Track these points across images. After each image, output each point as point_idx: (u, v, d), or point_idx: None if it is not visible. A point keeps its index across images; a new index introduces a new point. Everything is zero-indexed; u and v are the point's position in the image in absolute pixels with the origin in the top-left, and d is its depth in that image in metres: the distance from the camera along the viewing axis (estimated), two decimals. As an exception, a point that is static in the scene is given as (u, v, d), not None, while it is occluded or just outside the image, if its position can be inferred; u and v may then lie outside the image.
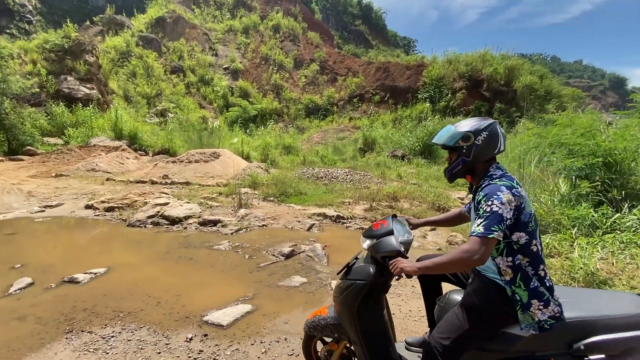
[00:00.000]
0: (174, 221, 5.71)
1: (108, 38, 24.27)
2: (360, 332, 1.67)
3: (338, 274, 1.84)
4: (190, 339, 2.51)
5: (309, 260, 4.24)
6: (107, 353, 2.32)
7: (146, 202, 6.49)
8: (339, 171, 10.09)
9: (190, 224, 5.69)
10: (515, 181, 1.43)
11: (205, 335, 2.58)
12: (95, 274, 3.58)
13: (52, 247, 4.66)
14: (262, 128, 20.15)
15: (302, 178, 9.17)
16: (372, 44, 42.85)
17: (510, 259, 1.39)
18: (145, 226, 5.52)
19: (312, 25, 32.19)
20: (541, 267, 1.40)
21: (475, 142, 1.49)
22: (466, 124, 1.54)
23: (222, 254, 4.41)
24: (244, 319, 2.85)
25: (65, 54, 16.79)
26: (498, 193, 1.34)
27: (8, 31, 24.26)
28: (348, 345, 1.89)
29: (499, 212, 1.30)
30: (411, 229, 1.89)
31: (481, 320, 1.42)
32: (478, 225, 1.32)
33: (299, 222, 5.94)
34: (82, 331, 2.59)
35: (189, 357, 2.31)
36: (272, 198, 7.38)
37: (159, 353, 2.34)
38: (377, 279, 1.64)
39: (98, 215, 6.00)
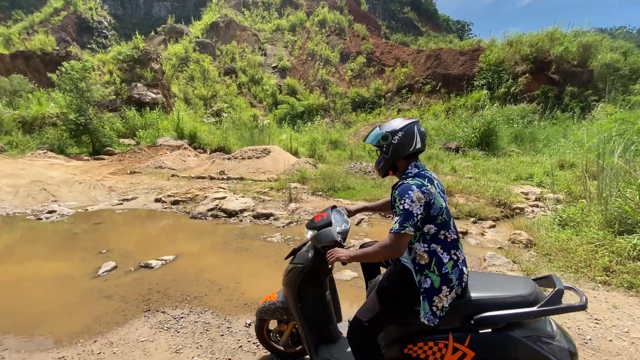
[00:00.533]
0: (230, 214, 6.09)
1: (170, 46, 26.43)
2: (300, 311, 1.86)
3: (286, 258, 2.00)
4: (249, 325, 2.67)
5: (360, 255, 4.23)
6: (179, 332, 2.57)
7: (206, 197, 7.00)
8: (387, 165, 9.86)
9: (245, 216, 6.01)
10: (427, 179, 1.57)
11: (263, 322, 2.72)
12: (165, 260, 3.98)
13: (129, 235, 5.26)
14: (309, 124, 20.42)
15: (349, 173, 9.14)
16: (422, 31, 40.79)
17: (426, 245, 1.55)
18: (205, 218, 5.97)
19: (358, 17, 31.62)
20: (453, 252, 1.55)
21: (392, 141, 1.64)
22: (387, 125, 1.69)
23: (275, 246, 4.59)
24: (297, 309, 2.95)
25: (135, 63, 18.69)
26: (409, 192, 1.49)
27: (89, 46, 27.66)
28: (296, 325, 1.99)
29: (410, 209, 1.47)
30: (350, 217, 2.07)
31: (391, 301, 1.58)
32: (395, 223, 1.49)
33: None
34: (157, 311, 2.90)
35: (249, 341, 2.46)
36: (320, 192, 7.48)
37: (222, 335, 2.53)
38: (315, 263, 1.82)
39: (166, 208, 6.62)
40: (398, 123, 1.66)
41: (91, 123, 13.01)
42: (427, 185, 1.53)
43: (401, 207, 1.48)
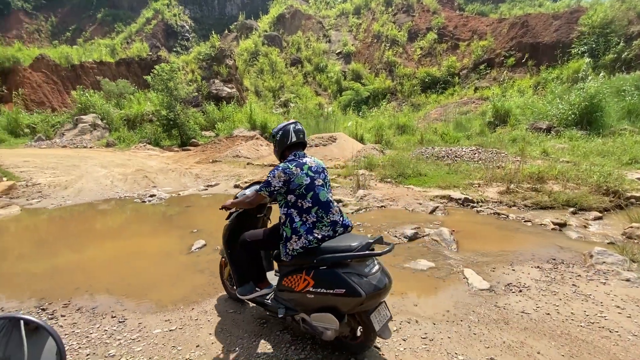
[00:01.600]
0: (301, 200, 6.30)
1: (241, 42, 28.06)
2: (229, 258, 2.55)
3: (226, 219, 2.64)
4: (325, 307, 2.73)
5: (435, 245, 3.99)
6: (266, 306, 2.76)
7: (278, 183, 7.36)
8: (463, 149, 9.11)
9: (315, 202, 6.15)
10: (295, 163, 2.18)
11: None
12: (245, 241, 4.29)
13: (215, 217, 5.79)
14: (375, 109, 19.89)
15: (420, 158, 8.67)
16: (504, -3, 35.94)
17: (285, 210, 2.18)
18: (278, 204, 6.28)
19: (428, -10, 29.21)
20: (305, 216, 2.13)
21: (276, 138, 2.32)
22: (276, 127, 2.37)
23: (346, 232, 4.61)
24: (372, 295, 2.92)
25: (212, 61, 20.34)
26: (275, 171, 2.15)
27: (174, 49, 30.92)
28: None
29: (270, 181, 2.15)
30: None
31: (270, 239, 2.30)
32: (259, 185, 2.27)
33: (420, 204, 5.65)
34: (241, 287, 3.15)
35: (326, 322, 2.52)
36: (389, 179, 7.26)
37: (301, 314, 2.64)
38: (241, 220, 2.59)
39: (243, 193, 7.15)
40: (280, 124, 2.36)
41: (179, 118, 14.65)
42: (291, 168, 2.15)
43: (266, 178, 2.20)
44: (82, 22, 36.19)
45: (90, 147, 14.09)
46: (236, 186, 7.57)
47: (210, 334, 2.42)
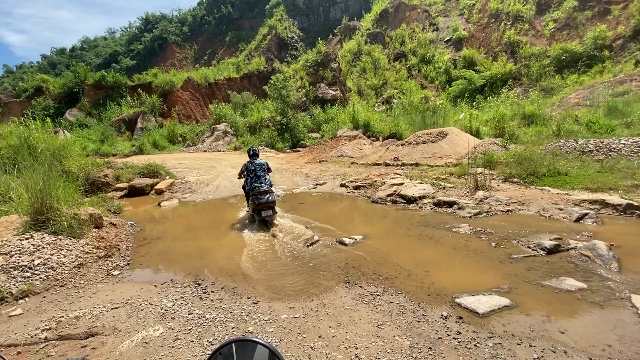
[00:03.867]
0: (409, 200, 6.06)
1: (345, 44, 28.81)
2: (246, 195, 5.91)
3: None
4: (446, 317, 2.55)
5: (586, 261, 3.26)
6: (377, 308, 2.78)
7: (384, 182, 7.26)
8: (621, 141, 7.18)
9: (425, 203, 5.83)
10: (250, 163, 5.73)
11: (460, 317, 2.54)
12: (355, 239, 4.40)
13: (324, 214, 6.14)
14: (492, 98, 17.54)
15: (557, 154, 7.24)
16: None
17: (246, 177, 5.84)
18: (385, 203, 6.20)
19: (564, -52, 24.03)
20: (250, 179, 5.65)
21: (247, 151, 6.22)
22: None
23: (464, 238, 4.21)
24: (501, 312, 2.58)
25: (318, 66, 21.51)
26: (243, 165, 5.87)
27: (285, 60, 33.98)
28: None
29: (242, 167, 5.88)
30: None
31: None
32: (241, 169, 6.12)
33: (560, 209, 4.72)
34: (355, 284, 3.24)
35: (448, 335, 2.35)
36: (515, 179, 6.30)
37: (419, 322, 2.54)
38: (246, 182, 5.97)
39: (349, 192, 7.34)
40: (249, 147, 6.27)
41: (290, 122, 16.05)
42: (248, 164, 5.71)
43: (241, 167, 5.92)
44: (215, 46, 43.39)
45: (223, 151, 16.79)
46: (342, 185, 7.83)
47: (330, 326, 2.57)
